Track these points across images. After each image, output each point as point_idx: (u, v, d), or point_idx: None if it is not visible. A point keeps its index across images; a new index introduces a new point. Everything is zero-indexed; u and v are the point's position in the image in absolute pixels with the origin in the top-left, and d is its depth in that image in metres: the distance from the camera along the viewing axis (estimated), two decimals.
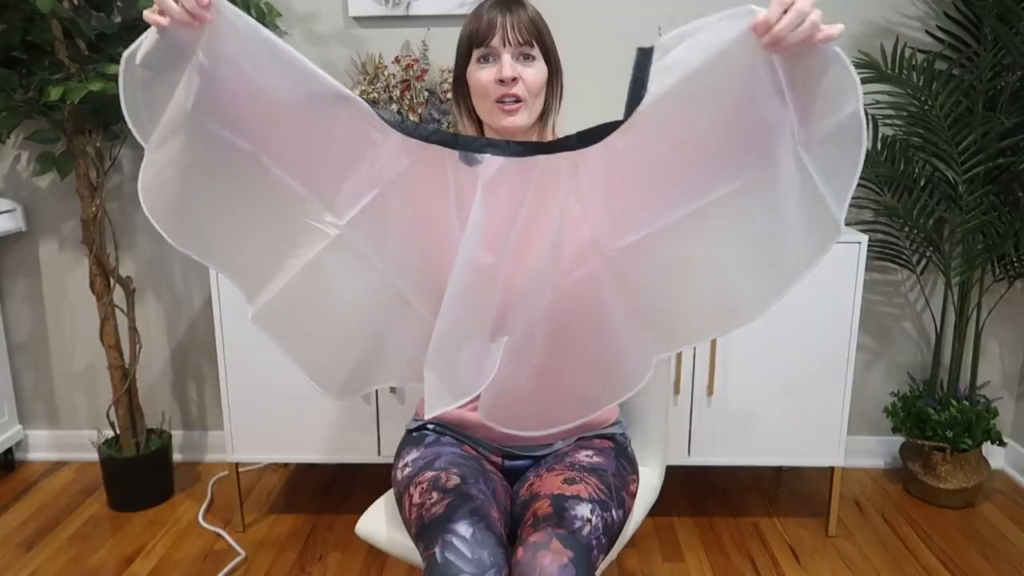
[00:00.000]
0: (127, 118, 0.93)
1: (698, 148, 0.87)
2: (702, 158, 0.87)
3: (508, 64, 1.13)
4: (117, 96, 0.93)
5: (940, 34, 2.01)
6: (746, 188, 0.87)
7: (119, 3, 2.00)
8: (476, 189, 0.89)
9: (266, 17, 2.03)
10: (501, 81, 1.13)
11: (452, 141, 0.90)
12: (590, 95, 2.07)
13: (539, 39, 1.16)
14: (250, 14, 1.98)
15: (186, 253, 0.98)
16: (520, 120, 1.16)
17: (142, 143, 0.94)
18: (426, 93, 2.00)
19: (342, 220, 0.94)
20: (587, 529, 1.03)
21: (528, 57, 1.15)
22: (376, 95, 1.95)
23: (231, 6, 0.85)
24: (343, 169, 0.93)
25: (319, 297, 0.98)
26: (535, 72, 1.16)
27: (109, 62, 1.75)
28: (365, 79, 2.00)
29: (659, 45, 0.84)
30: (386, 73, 1.99)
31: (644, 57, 0.85)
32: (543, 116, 1.22)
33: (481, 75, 1.15)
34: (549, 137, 1.22)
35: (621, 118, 0.87)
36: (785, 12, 0.78)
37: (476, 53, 1.15)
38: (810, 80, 0.82)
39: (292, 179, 0.94)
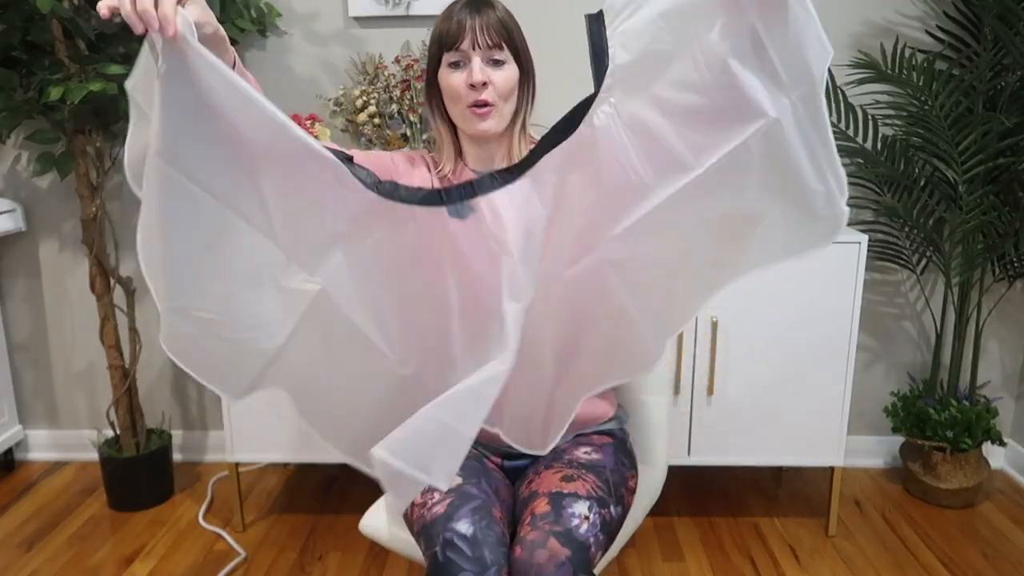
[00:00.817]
0: (127, 170, 0.87)
1: (688, 109, 0.80)
2: (693, 119, 0.80)
3: (478, 68, 1.12)
4: (117, 96, 0.91)
5: (940, 34, 2.01)
6: (738, 152, 0.79)
7: None
8: (476, 237, 0.86)
9: (266, 17, 2.03)
10: (472, 86, 1.12)
11: (438, 198, 0.87)
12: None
13: (509, 41, 1.14)
14: (250, 14, 1.99)
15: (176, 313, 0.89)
16: (491, 125, 1.16)
17: (135, 191, 0.88)
18: None
19: (314, 276, 0.89)
20: (584, 527, 1.03)
21: (498, 61, 1.14)
22: (376, 95, 1.96)
23: (200, 47, 0.78)
24: (314, 225, 0.87)
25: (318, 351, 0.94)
26: (505, 75, 1.15)
27: (109, 62, 1.75)
28: (365, 79, 2.00)
29: (608, 7, 0.80)
30: (386, 73, 1.99)
31: (595, 23, 0.80)
32: (515, 118, 1.20)
33: (452, 79, 1.14)
34: (517, 138, 1.20)
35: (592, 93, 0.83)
36: None
37: (447, 57, 1.14)
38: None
39: (262, 234, 0.87)
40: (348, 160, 0.87)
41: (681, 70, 0.79)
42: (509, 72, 1.15)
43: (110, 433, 2.12)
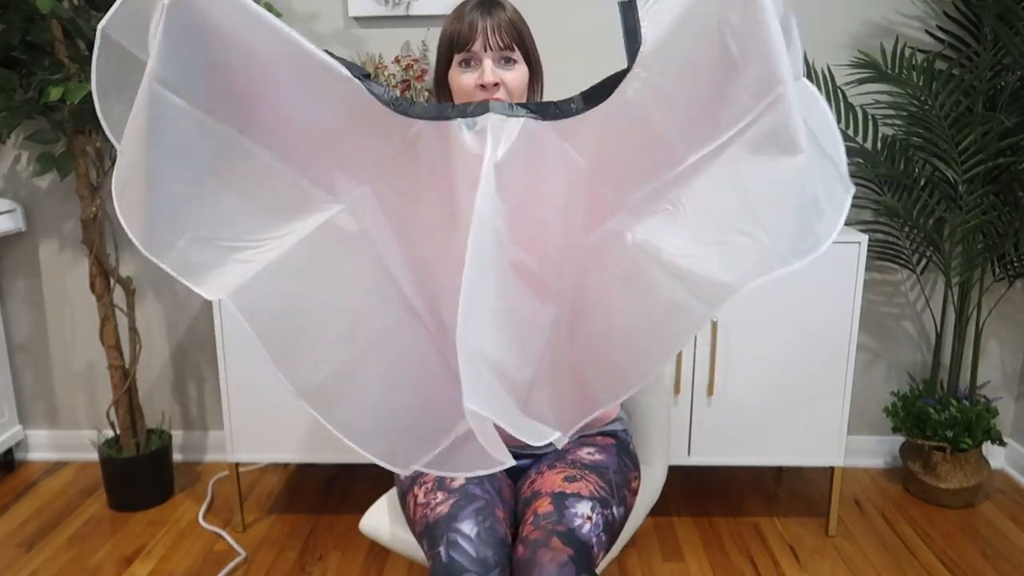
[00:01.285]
0: (96, 104, 0.83)
1: (708, 88, 0.84)
2: (712, 96, 0.84)
3: (490, 69, 1.13)
4: None
5: (940, 34, 2.01)
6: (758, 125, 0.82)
7: None
8: (481, 169, 0.84)
9: None
10: (483, 86, 1.13)
11: (449, 111, 0.87)
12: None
13: (520, 42, 1.16)
14: None
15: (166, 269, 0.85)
16: None
17: (110, 136, 0.85)
18: (426, 93, 2.00)
19: (340, 203, 0.90)
20: (587, 527, 1.03)
21: (509, 60, 1.16)
22: None
23: None
24: (337, 150, 0.88)
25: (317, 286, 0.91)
26: (516, 75, 1.17)
27: None
28: None
29: None
30: (386, 73, 1.99)
31: (628, 8, 0.85)
32: None
33: (463, 79, 1.15)
34: None
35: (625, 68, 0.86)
36: None
37: (457, 57, 1.15)
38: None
39: (281, 162, 0.88)
40: (366, 77, 0.87)
41: (706, 44, 0.82)
42: (519, 72, 1.17)
43: (110, 433, 2.12)
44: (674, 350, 0.89)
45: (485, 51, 1.13)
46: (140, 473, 2.09)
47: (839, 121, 2.04)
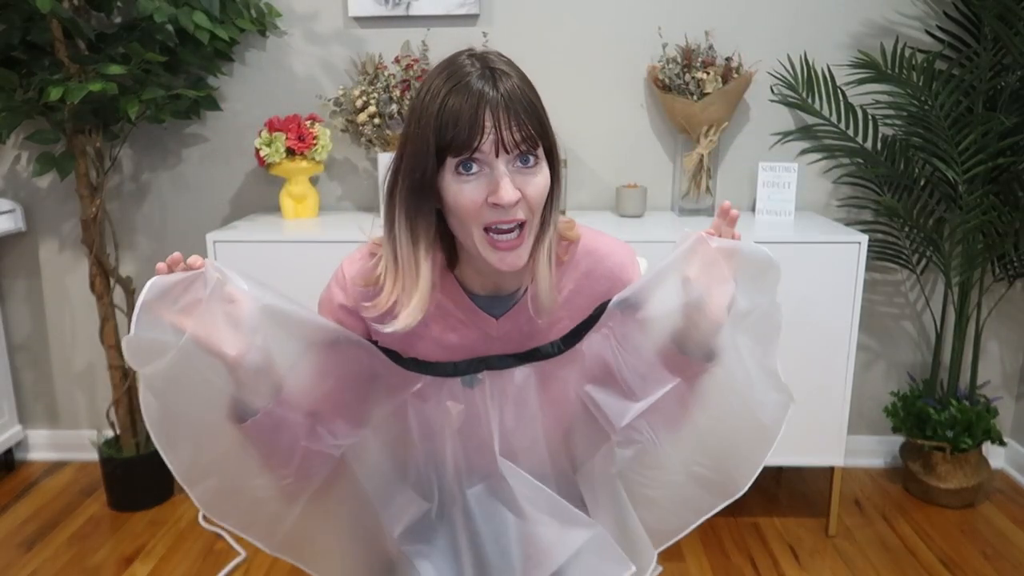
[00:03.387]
0: (164, 455, 0.86)
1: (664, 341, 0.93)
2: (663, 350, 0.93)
3: (508, 184, 0.79)
4: (117, 96, 0.89)
5: (940, 34, 2.01)
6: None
7: (119, 3, 2.00)
8: (486, 406, 0.93)
9: (266, 17, 2.03)
10: (496, 205, 0.80)
11: (451, 369, 0.92)
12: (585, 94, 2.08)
13: (543, 132, 0.82)
14: (250, 14, 1.99)
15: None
16: (521, 257, 0.84)
17: (179, 479, 0.88)
18: None
19: (340, 444, 0.93)
20: None
21: (528, 161, 0.81)
22: (376, 95, 1.95)
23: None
24: (346, 406, 0.93)
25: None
26: (539, 184, 0.82)
27: (109, 62, 1.75)
28: (365, 79, 2.00)
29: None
30: (386, 73, 1.99)
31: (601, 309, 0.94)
32: (541, 233, 0.87)
33: (466, 194, 0.80)
34: (543, 254, 0.87)
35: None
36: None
37: (453, 160, 0.80)
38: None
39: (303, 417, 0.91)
40: (373, 344, 0.93)
41: (659, 312, 0.91)
42: (542, 178, 0.83)
43: (110, 433, 2.12)
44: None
45: (497, 156, 0.79)
46: (140, 473, 2.09)
47: (839, 121, 2.04)
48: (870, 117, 2.01)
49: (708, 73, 1.91)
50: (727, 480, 1.00)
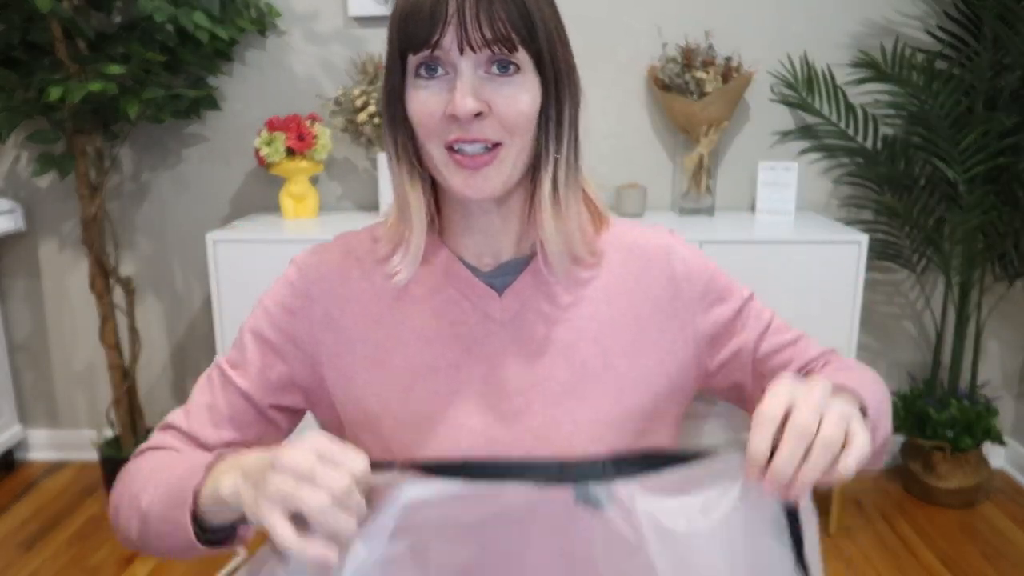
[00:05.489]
0: None
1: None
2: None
3: (465, 89, 0.63)
4: (117, 96, 0.89)
5: (940, 34, 2.01)
6: None
7: (119, 3, 2.00)
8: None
9: (266, 17, 2.03)
10: (453, 116, 0.64)
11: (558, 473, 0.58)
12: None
13: (527, 32, 0.64)
14: (250, 14, 1.99)
15: None
16: (491, 182, 0.67)
17: None
18: None
19: None
20: None
21: (505, 67, 0.64)
22: (376, 95, 1.95)
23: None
24: None
25: None
26: (519, 96, 0.65)
27: (109, 62, 1.75)
28: (365, 79, 2.00)
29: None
30: None
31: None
32: (537, 173, 0.70)
33: (421, 101, 0.66)
34: (545, 208, 0.70)
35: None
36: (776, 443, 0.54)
37: (414, 59, 0.65)
38: None
39: None
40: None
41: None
42: (524, 88, 0.65)
43: (110, 433, 2.12)
44: None
45: (462, 51, 0.63)
46: None
47: (839, 120, 2.04)
48: (870, 117, 2.01)
49: (708, 73, 1.91)
50: None
